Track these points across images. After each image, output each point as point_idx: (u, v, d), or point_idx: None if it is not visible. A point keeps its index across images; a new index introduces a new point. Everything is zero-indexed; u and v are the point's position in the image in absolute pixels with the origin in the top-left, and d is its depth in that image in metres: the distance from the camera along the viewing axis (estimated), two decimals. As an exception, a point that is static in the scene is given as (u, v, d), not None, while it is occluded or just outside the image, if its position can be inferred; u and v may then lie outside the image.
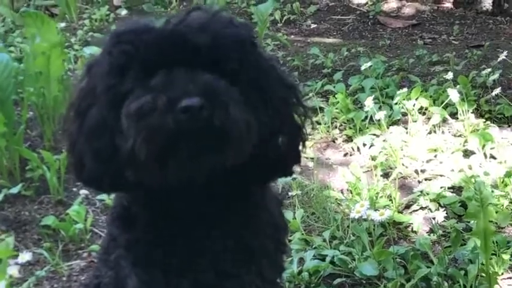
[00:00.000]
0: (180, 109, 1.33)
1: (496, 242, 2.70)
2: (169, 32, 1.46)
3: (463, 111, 3.86)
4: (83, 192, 3.34)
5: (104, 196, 3.21)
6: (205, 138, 1.36)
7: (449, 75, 4.17)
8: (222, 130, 1.37)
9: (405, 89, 4.03)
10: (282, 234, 1.80)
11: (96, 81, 1.50)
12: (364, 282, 2.66)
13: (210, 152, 1.39)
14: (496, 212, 2.97)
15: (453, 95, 3.72)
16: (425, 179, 3.41)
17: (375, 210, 2.87)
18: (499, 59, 4.59)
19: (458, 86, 4.11)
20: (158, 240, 1.58)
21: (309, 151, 3.76)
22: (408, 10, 6.72)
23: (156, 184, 1.44)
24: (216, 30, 1.46)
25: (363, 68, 4.46)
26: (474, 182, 3.11)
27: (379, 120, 3.70)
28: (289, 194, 3.24)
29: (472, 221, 2.88)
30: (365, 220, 2.86)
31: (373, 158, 3.55)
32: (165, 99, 1.35)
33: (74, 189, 3.41)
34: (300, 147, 1.62)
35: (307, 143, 1.65)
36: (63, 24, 6.11)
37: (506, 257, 2.65)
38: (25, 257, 2.71)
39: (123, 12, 6.58)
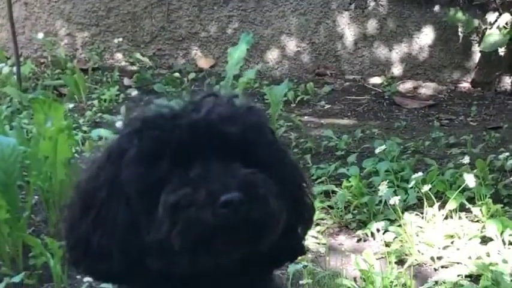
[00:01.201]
0: (220, 204, 1.38)
1: (515, 335, 2.71)
2: (202, 120, 1.50)
3: (480, 196, 3.91)
4: (87, 279, 3.38)
5: (108, 285, 3.24)
6: (243, 231, 1.42)
7: (466, 159, 4.23)
8: (260, 224, 1.44)
9: (421, 173, 4.08)
10: None
11: (117, 169, 1.51)
12: None
13: (245, 244, 1.45)
14: (516, 302, 2.98)
15: (470, 179, 3.78)
16: (442, 267, 3.44)
17: (389, 300, 2.90)
18: (517, 142, 4.66)
19: (475, 170, 4.17)
20: None
21: (320, 236, 3.81)
22: (425, 90, 6.85)
23: (183, 272, 1.48)
24: (244, 120, 1.52)
25: (377, 150, 4.53)
26: (492, 270, 3.14)
27: (393, 204, 3.75)
28: (300, 282, 3.27)
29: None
30: (378, 310, 2.89)
31: (387, 244, 3.58)
32: (205, 193, 1.40)
33: (78, 276, 3.44)
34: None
35: (319, 227, 1.72)
36: (71, 105, 6.25)
37: None
38: None
39: (134, 92, 6.72)
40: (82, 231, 1.54)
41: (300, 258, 3.30)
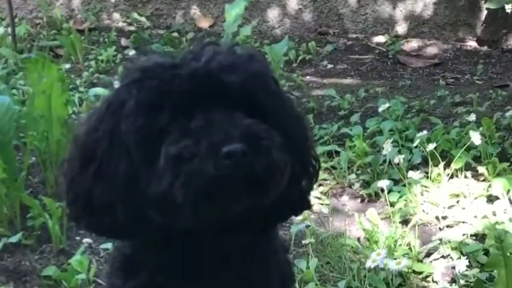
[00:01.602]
0: (222, 155, 1.36)
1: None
2: (202, 69, 1.48)
3: (486, 155, 3.89)
4: (86, 240, 3.39)
5: (108, 245, 3.25)
6: (246, 183, 1.40)
7: (472, 117, 4.20)
8: (263, 177, 1.42)
9: (426, 132, 4.06)
10: (289, 283, 1.82)
11: (116, 120, 1.49)
12: (381, 335, 2.67)
13: (248, 197, 1.43)
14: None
15: (476, 137, 3.75)
16: (447, 226, 3.43)
17: (393, 259, 2.89)
18: (524, 100, 4.64)
19: (481, 128, 4.14)
20: (165, 284, 1.61)
21: (323, 197, 3.80)
22: (430, 49, 6.80)
23: (185, 226, 1.47)
24: (246, 68, 1.51)
25: (381, 109, 4.51)
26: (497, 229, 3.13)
27: (398, 164, 3.73)
28: (303, 242, 3.26)
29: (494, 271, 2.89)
30: (382, 270, 2.88)
31: (392, 204, 3.57)
32: (207, 145, 1.38)
33: (77, 237, 3.45)
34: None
35: (322, 188, 1.71)
36: (68, 66, 6.22)
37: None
38: (25, 309, 2.73)
39: (131, 52, 6.69)
40: (82, 185, 1.53)
41: (302, 218, 3.33)
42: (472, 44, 6.88)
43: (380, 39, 7.06)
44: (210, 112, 1.44)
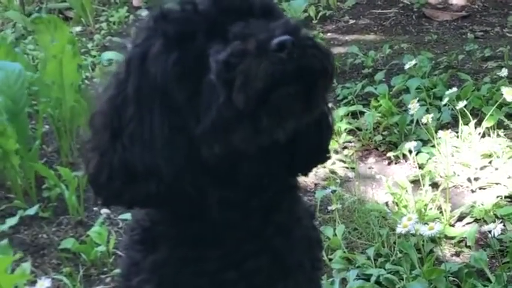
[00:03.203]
0: (273, 48, 1.34)
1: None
2: None
3: (520, 112, 3.85)
4: (105, 211, 3.39)
5: (127, 215, 3.26)
6: (301, 82, 1.38)
7: (504, 72, 4.15)
8: (317, 70, 1.39)
9: (455, 89, 4.00)
10: (316, 249, 1.82)
11: (142, 74, 1.45)
12: (413, 303, 2.66)
13: (303, 101, 1.41)
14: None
15: (508, 93, 3.70)
16: (480, 188, 3.41)
17: (424, 224, 2.87)
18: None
19: (514, 84, 4.09)
20: (186, 259, 1.61)
21: (349, 160, 3.78)
22: (456, 1, 6.70)
23: (244, 150, 1.45)
24: None
25: (407, 66, 4.46)
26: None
27: (426, 124, 3.69)
28: (329, 208, 3.26)
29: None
30: (413, 235, 2.86)
31: (421, 166, 3.55)
32: (255, 42, 1.35)
33: (95, 208, 3.46)
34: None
35: (346, 151, 1.71)
36: (78, 29, 6.21)
37: None
38: (44, 283, 2.72)
39: (144, 13, 6.65)
40: (117, 157, 1.48)
41: (327, 182, 3.31)
42: (501, -6, 6.78)
43: (404, -9, 6.97)
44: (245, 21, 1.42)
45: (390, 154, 3.84)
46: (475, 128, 3.75)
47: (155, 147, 1.45)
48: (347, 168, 3.72)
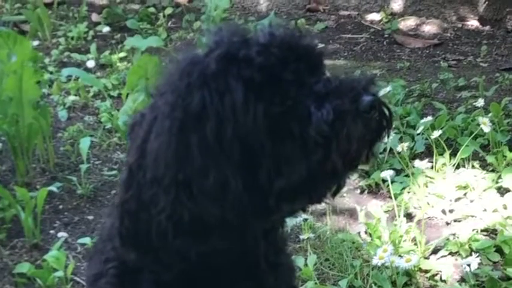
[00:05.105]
0: (364, 109, 1.41)
1: (539, 293, 2.72)
2: (287, 37, 1.50)
3: (495, 143, 3.89)
4: (62, 235, 3.35)
5: (86, 239, 3.23)
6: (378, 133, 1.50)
7: (480, 102, 4.20)
8: (390, 123, 1.51)
9: (429, 118, 4.05)
10: (292, 277, 1.83)
11: (201, 129, 1.39)
12: (388, 339, 2.67)
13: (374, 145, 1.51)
14: (538, 259, 2.99)
15: (485, 124, 3.74)
16: (455, 220, 3.44)
17: (399, 256, 2.89)
18: (534, 84, 4.64)
19: (489, 115, 4.13)
20: None
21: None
22: (428, 28, 6.79)
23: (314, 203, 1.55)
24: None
25: (381, 94, 4.48)
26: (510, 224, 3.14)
27: (400, 153, 3.72)
28: (300, 237, 3.25)
29: (509, 269, 2.90)
30: (387, 268, 2.88)
31: (395, 197, 3.57)
32: (350, 101, 1.41)
33: (51, 231, 3.42)
34: None
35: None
36: (35, 43, 6.14)
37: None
38: (-3, 310, 2.70)
39: (104, 29, 6.63)
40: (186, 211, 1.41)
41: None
42: (473, 23, 6.88)
43: (374, 16, 7.04)
44: (313, 73, 1.48)
45: (363, 183, 3.85)
46: (450, 158, 3.78)
47: (227, 200, 1.40)
48: (318, 196, 3.72)
